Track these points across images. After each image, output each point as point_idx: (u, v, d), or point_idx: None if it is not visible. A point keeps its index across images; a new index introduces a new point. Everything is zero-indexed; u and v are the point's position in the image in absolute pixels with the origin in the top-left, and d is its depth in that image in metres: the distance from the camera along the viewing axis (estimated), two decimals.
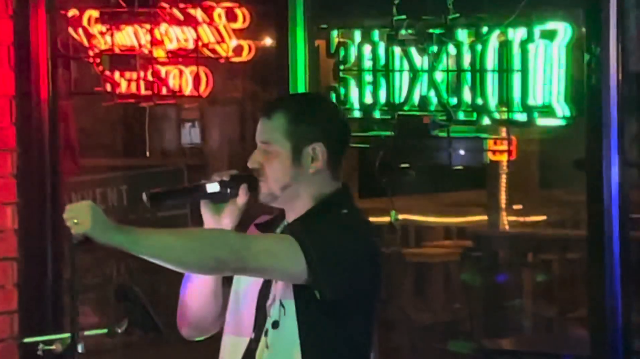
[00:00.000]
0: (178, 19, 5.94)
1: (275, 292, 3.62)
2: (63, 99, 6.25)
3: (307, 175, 3.64)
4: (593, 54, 4.84)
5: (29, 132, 6.14)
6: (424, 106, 5.21)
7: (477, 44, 5.11)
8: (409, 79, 5.25)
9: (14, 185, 6.14)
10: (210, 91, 5.99)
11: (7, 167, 6.13)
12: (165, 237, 3.58)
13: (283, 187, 3.64)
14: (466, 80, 5.14)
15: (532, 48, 5.00)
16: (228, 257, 3.54)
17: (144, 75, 5.99)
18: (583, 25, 4.94)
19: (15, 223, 6.13)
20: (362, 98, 5.36)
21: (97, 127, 6.68)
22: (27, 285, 6.13)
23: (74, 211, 3.47)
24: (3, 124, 6.12)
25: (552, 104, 4.99)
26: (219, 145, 7.25)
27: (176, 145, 7.22)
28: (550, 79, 4.99)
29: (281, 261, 3.53)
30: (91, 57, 6.09)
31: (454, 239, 8.26)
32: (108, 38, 6.05)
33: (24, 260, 6.13)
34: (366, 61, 5.34)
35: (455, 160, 5.28)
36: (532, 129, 5.30)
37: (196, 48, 5.89)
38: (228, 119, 7.22)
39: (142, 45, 5.99)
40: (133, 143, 6.71)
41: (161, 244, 3.54)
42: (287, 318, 3.59)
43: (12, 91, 6.13)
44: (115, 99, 6.10)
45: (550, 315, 7.31)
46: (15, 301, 6.12)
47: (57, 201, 6.08)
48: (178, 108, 6.94)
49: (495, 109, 5.10)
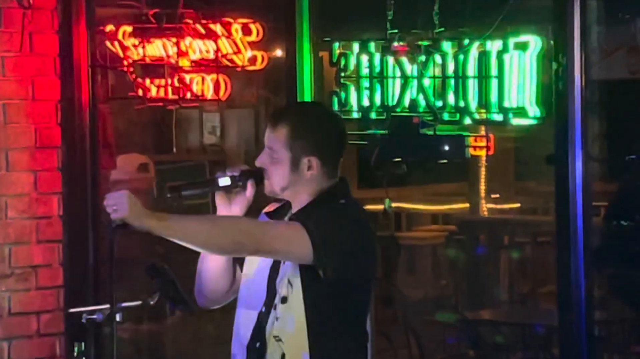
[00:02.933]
0: (200, 33, 5.95)
1: (283, 271, 3.62)
2: (101, 103, 6.24)
3: (303, 179, 3.64)
4: (560, 63, 4.83)
5: (72, 131, 6.14)
6: (414, 108, 5.21)
7: (459, 54, 5.10)
8: (401, 84, 5.24)
9: (59, 177, 6.14)
10: (229, 96, 6.00)
11: (53, 162, 6.13)
12: (191, 223, 3.58)
13: (283, 189, 3.64)
14: (450, 85, 5.13)
15: (507, 58, 4.99)
16: (245, 241, 3.54)
17: (171, 82, 5.99)
18: (551, 38, 4.92)
19: (61, 210, 6.13)
20: (360, 101, 5.35)
21: (130, 128, 6.68)
22: (70, 264, 6.13)
23: (113, 199, 3.48)
24: (50, 124, 6.12)
25: (525, 106, 4.99)
26: (236, 143, 7.24)
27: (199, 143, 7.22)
28: (523, 84, 4.98)
29: (290, 245, 3.54)
30: (125, 66, 6.10)
31: (440, 224, 8.26)
32: (140, 50, 6.06)
33: (68, 242, 6.13)
34: (364, 69, 5.33)
35: (440, 155, 5.27)
36: (507, 128, 5.28)
37: (216, 58, 5.90)
38: (244, 120, 7.21)
39: (170, 56, 5.99)
40: (161, 141, 6.71)
41: (188, 229, 3.54)
42: (294, 294, 3.59)
43: (58, 96, 6.12)
44: (146, 102, 6.10)
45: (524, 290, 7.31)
46: (60, 277, 6.12)
47: (96, 191, 6.08)
48: (200, 110, 6.95)
49: (475, 111, 5.09)
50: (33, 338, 6.06)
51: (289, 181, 3.64)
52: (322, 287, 3.56)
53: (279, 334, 3.63)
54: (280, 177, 3.64)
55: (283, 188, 3.65)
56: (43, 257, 6.08)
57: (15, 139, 6.00)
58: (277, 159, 3.63)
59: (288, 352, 3.61)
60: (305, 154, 3.62)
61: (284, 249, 3.56)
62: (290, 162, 3.63)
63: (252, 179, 3.67)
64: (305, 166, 3.63)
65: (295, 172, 3.63)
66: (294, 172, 3.63)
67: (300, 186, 3.65)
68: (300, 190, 3.66)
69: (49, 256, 6.09)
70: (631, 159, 5.85)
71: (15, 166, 6.00)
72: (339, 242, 3.55)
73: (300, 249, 3.52)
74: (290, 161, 3.63)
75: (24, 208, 6.03)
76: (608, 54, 6.13)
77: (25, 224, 6.03)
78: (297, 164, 3.63)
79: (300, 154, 3.62)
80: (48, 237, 6.09)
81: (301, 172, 3.63)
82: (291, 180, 3.64)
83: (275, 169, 3.64)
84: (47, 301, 6.09)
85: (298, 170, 3.63)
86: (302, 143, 3.63)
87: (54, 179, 6.12)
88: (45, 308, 6.08)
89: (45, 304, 6.08)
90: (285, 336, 3.62)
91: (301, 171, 3.63)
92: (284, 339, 3.62)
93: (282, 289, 3.62)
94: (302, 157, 3.62)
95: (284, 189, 3.65)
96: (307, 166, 3.63)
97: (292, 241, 3.53)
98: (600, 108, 5.69)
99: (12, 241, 5.99)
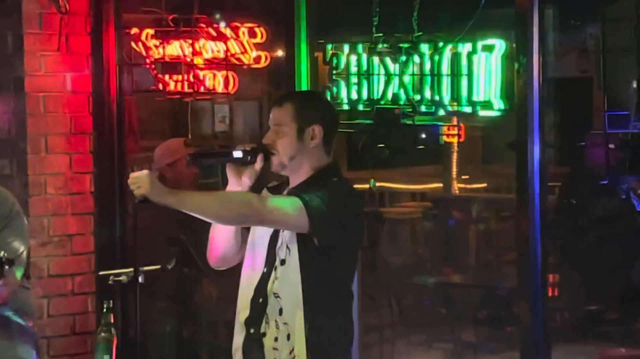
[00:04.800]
0: (212, 36, 5.94)
1: (282, 238, 3.63)
2: (127, 95, 6.23)
3: (308, 148, 3.65)
4: (521, 63, 4.82)
5: (102, 120, 6.13)
6: (396, 101, 5.20)
7: (434, 54, 5.08)
8: (384, 81, 5.23)
9: (91, 159, 6.14)
10: (236, 90, 5.99)
11: (85, 146, 6.13)
12: (203, 198, 3.59)
13: (290, 158, 3.65)
14: (427, 81, 5.11)
15: (475, 58, 4.99)
16: (250, 213, 3.55)
17: (187, 78, 5.99)
18: (514, 41, 4.90)
19: (92, 187, 6.13)
20: (349, 95, 5.34)
21: (151, 117, 6.66)
22: (100, 233, 6.14)
23: (136, 178, 3.48)
24: (83, 113, 6.12)
25: (491, 100, 4.98)
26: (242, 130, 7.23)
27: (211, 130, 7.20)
28: (489, 81, 4.97)
29: (288, 216, 3.54)
30: (148, 64, 6.09)
31: (417, 201, 8.24)
32: (160, 50, 6.05)
33: (98, 214, 6.13)
34: (352, 67, 5.32)
35: (418, 142, 5.27)
36: (475, 118, 5.27)
37: (226, 57, 5.89)
38: (249, 110, 7.19)
39: (186, 55, 5.99)
40: (179, 128, 6.69)
41: (200, 203, 3.55)
42: (291, 257, 3.61)
43: (90, 89, 6.12)
44: (166, 95, 6.10)
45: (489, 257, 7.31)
46: (91, 245, 6.13)
47: (123, 171, 6.06)
48: (212, 102, 6.93)
49: (448, 104, 5.08)
50: (68, 296, 6.06)
51: (295, 150, 3.64)
52: (315, 252, 3.57)
53: (277, 292, 3.64)
54: (288, 147, 3.64)
55: (290, 158, 3.64)
56: (77, 227, 6.08)
57: (53, 126, 6.00)
58: (284, 132, 3.64)
59: (285, 307, 3.62)
60: (310, 123, 3.64)
61: (283, 220, 3.57)
62: (297, 131, 3.64)
63: (262, 154, 3.68)
64: (309, 134, 3.64)
65: (301, 141, 3.64)
66: (300, 141, 3.64)
67: (304, 157, 3.65)
68: (304, 162, 3.66)
69: (82, 226, 6.10)
70: (581, 145, 5.86)
71: (53, 149, 6.00)
72: (331, 214, 3.56)
73: (297, 219, 3.53)
74: (297, 131, 3.64)
75: (61, 185, 6.03)
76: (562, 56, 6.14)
77: (62, 199, 6.04)
78: (302, 133, 3.64)
79: (305, 124, 3.64)
80: (81, 210, 6.09)
81: (305, 141, 3.64)
82: (297, 148, 3.64)
83: (283, 141, 3.65)
84: (80, 265, 6.10)
85: (303, 139, 3.64)
86: (307, 114, 3.65)
87: (86, 161, 6.12)
88: (79, 271, 6.09)
89: (78, 268, 6.09)
90: (283, 293, 3.63)
91: (306, 140, 3.64)
92: (281, 296, 3.63)
93: (281, 253, 3.63)
94: (307, 126, 3.63)
95: (292, 158, 3.64)
96: (311, 135, 3.64)
97: (290, 212, 3.53)
98: (555, 102, 5.69)
99: (51, 213, 5.99)
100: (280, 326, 3.61)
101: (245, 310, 3.70)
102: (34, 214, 5.87)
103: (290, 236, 3.60)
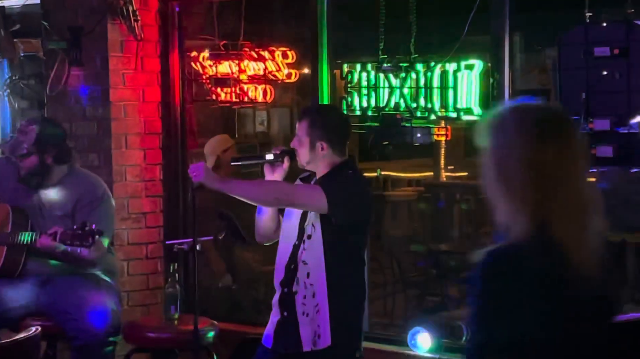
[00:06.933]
0: (254, 57, 5.91)
1: (309, 218, 3.63)
2: (188, 104, 6.23)
3: (319, 156, 3.64)
4: (495, 78, 4.81)
5: (169, 122, 6.12)
6: (397, 108, 5.18)
7: (427, 72, 5.06)
8: (388, 92, 5.21)
9: (160, 154, 6.13)
10: (273, 99, 5.97)
11: (156, 143, 6.12)
12: (247, 185, 3.60)
13: (307, 163, 3.66)
14: (421, 93, 5.09)
15: (459, 75, 4.95)
16: (282, 197, 3.55)
17: (234, 90, 5.97)
18: (489, 62, 4.88)
19: (161, 175, 6.13)
20: (360, 103, 5.31)
21: (207, 120, 6.65)
22: (167, 211, 6.13)
23: (194, 168, 3.49)
24: (154, 118, 6.11)
25: (471, 107, 4.95)
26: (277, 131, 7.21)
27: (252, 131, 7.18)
28: (470, 92, 4.94)
29: (312, 200, 3.54)
30: (204, 79, 6.08)
31: (413, 186, 8.22)
32: (214, 68, 6.03)
33: (166, 197, 6.12)
34: (363, 82, 5.30)
35: (414, 140, 5.25)
36: (459, 122, 5.24)
37: (264, 74, 5.87)
38: (283, 116, 7.18)
39: (233, 72, 5.96)
40: (228, 130, 6.68)
41: (245, 189, 3.55)
42: (316, 233, 3.60)
43: (159, 99, 6.11)
44: (218, 104, 6.08)
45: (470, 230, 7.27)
46: (161, 220, 6.11)
47: (185, 163, 6.06)
48: (254, 109, 6.91)
49: (438, 110, 5.06)
50: (143, 260, 6.07)
51: (309, 158, 3.63)
52: (335, 228, 3.57)
53: (305, 259, 3.63)
54: (303, 155, 3.64)
55: (307, 162, 3.65)
56: (149, 206, 6.08)
57: (131, 127, 5.99)
58: (302, 142, 3.64)
59: (312, 271, 3.61)
60: (318, 140, 3.61)
61: (308, 203, 3.57)
62: (309, 144, 3.62)
63: (288, 156, 3.67)
64: (319, 148, 3.61)
65: (313, 151, 3.62)
66: (312, 151, 3.62)
67: (318, 161, 3.64)
68: (319, 164, 3.65)
69: (153, 206, 6.09)
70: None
71: (131, 146, 6.00)
72: (346, 198, 3.56)
73: (319, 203, 3.52)
74: (309, 144, 3.62)
75: (137, 174, 6.03)
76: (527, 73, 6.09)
77: (138, 184, 6.03)
78: (313, 146, 3.62)
79: (315, 139, 3.61)
80: (153, 193, 6.09)
81: (316, 152, 3.62)
82: (311, 157, 3.63)
83: (301, 149, 3.64)
84: (152, 236, 6.10)
85: (314, 150, 3.62)
86: (317, 131, 3.62)
87: (156, 155, 6.11)
88: (151, 240, 6.09)
89: (150, 238, 6.09)
90: (310, 260, 3.62)
91: (316, 151, 3.62)
92: (309, 263, 3.62)
93: (308, 229, 3.63)
94: (316, 142, 3.61)
95: (308, 163, 3.65)
96: (320, 148, 3.61)
97: (313, 197, 3.53)
98: None
99: (129, 196, 6.00)
100: (307, 286, 3.61)
101: (281, 273, 3.69)
102: (117, 196, 5.83)
103: (315, 216, 3.60)
